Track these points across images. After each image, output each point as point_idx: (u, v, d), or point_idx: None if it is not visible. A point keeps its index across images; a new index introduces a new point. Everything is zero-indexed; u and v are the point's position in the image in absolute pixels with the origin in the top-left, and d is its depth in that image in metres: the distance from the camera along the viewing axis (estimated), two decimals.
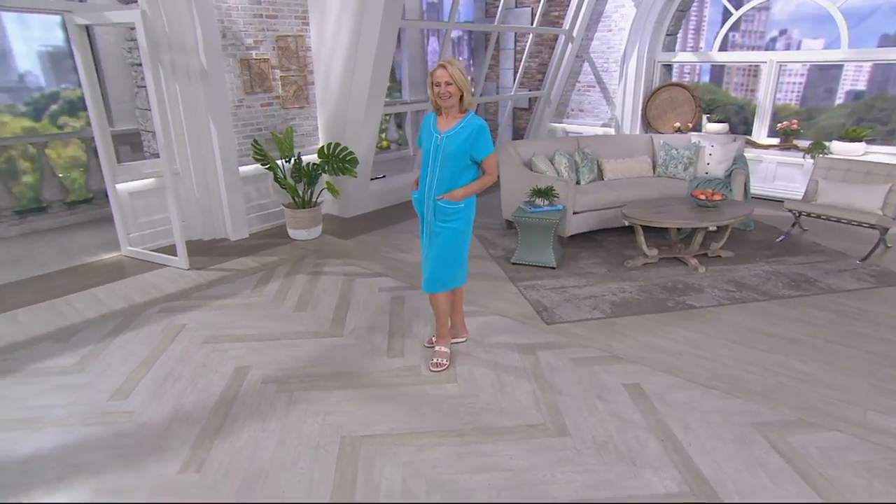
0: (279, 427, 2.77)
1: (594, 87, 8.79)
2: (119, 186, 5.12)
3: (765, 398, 2.92)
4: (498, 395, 2.99)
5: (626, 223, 4.72)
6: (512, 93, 8.93)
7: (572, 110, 9.10)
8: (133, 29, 4.58)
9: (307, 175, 5.61)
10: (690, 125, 7.94)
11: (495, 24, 7.61)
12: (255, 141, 5.53)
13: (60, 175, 6.33)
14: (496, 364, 3.30)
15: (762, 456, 2.50)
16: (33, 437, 2.73)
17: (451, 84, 2.84)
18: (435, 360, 3.26)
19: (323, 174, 5.74)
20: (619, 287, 4.33)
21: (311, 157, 5.89)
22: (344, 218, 6.52)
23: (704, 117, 8.03)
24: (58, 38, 7.14)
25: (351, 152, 5.67)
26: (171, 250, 5.02)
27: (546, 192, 4.73)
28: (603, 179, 5.87)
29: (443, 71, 2.84)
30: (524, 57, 8.79)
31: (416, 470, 2.45)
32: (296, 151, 5.89)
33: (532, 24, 8.47)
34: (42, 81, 7.07)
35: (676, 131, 7.91)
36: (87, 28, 4.76)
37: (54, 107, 7.08)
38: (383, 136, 9.44)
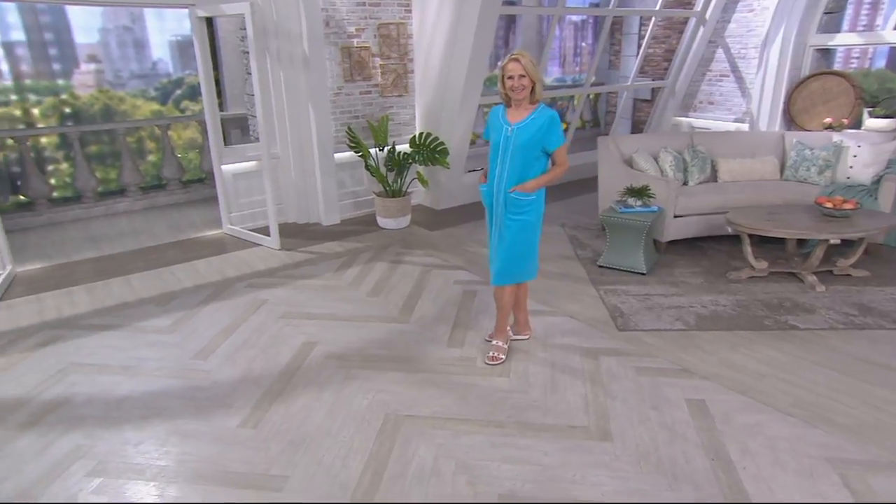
0: (332, 398, 3.18)
1: (728, 76, 8.39)
2: (224, 167, 5.94)
3: (853, 434, 2.79)
4: (547, 394, 3.16)
5: (731, 230, 4.59)
6: (630, 82, 8.80)
7: (700, 103, 8.76)
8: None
9: (397, 164, 6.08)
10: (846, 121, 7.31)
11: (610, 7, 7.58)
12: (350, 128, 6.10)
13: (179, 155, 7.43)
14: (553, 364, 3.46)
15: (829, 492, 2.43)
16: (130, 381, 3.40)
17: (524, 76, 3.06)
18: (491, 354, 3.50)
19: (414, 164, 6.17)
20: (712, 299, 4.25)
21: (404, 146, 6.36)
22: (435, 209, 6.92)
23: (865, 111, 7.35)
24: (186, 27, 8.35)
25: (442, 143, 6.04)
26: (266, 230, 5.72)
27: (640, 192, 4.74)
28: (717, 181, 5.69)
29: (516, 64, 3.07)
30: (645, 42, 8.62)
31: (449, 452, 2.72)
32: (391, 140, 6.39)
33: (657, 7, 8.29)
34: (170, 68, 8.32)
35: (827, 128, 7.33)
36: (210, 19, 5.61)
37: (178, 91, 8.30)
38: None
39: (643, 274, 4.70)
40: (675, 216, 5.09)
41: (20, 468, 2.69)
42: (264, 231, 5.76)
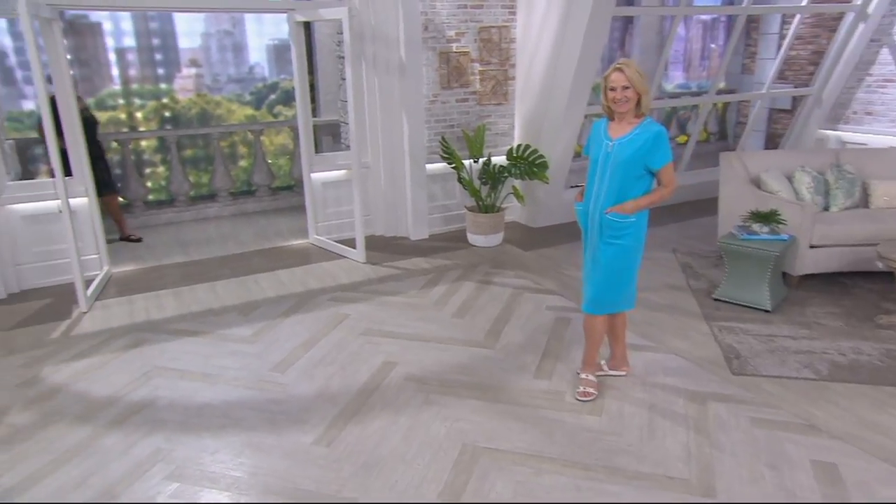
0: (408, 423, 3.33)
1: (893, 81, 7.84)
2: (314, 176, 6.35)
3: None
4: (643, 439, 3.13)
5: (882, 266, 4.30)
6: (766, 89, 8.45)
7: (854, 113, 8.24)
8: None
9: (492, 177, 6.22)
10: None
11: (745, 4, 7.35)
12: (444, 139, 6.33)
13: (269, 161, 8.02)
14: (653, 406, 3.41)
15: None
16: (210, 389, 3.74)
17: (628, 88, 3.09)
18: (582, 389, 3.51)
19: (510, 177, 6.29)
20: (853, 346, 4.00)
21: (500, 159, 6.50)
22: (530, 227, 6.99)
23: None
24: (284, 31, 9.05)
25: (541, 155, 6.12)
26: (352, 243, 6.05)
27: (767, 217, 4.57)
28: (868, 207, 5.34)
29: (619, 75, 3.11)
30: (786, 43, 8.25)
31: (529, 491, 2.77)
32: (486, 151, 6.55)
33: (804, 1, 7.93)
34: (266, 72, 9.05)
35: None
36: (308, 23, 6.07)
37: (272, 96, 8.99)
38: None
39: (767, 311, 4.51)
40: (812, 246, 4.84)
41: (106, 465, 3.04)
42: (350, 243, 6.08)
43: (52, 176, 4.70)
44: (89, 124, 6.00)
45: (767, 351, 3.97)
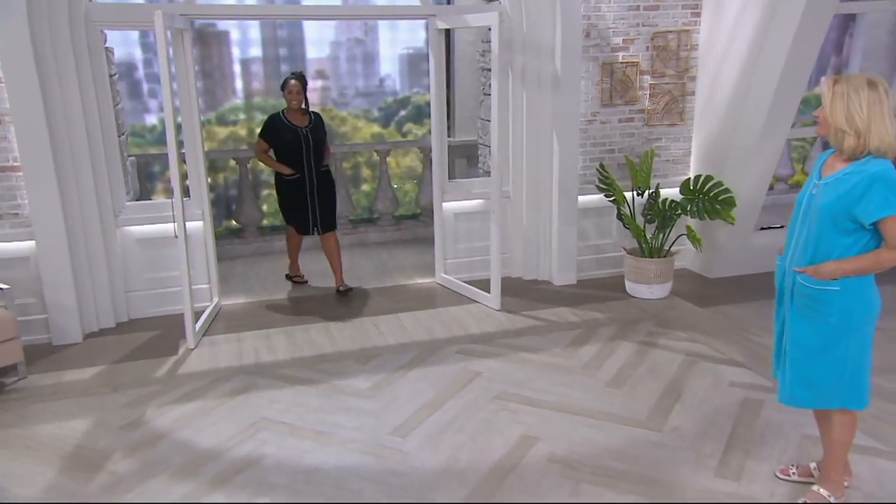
0: None
1: None
2: (445, 205, 6.43)
3: None
4: None
5: None
6: None
7: None
8: (490, 29, 5.78)
9: (661, 214, 5.99)
10: None
11: None
12: (602, 166, 6.19)
13: (395, 186, 8.27)
14: None
15: None
16: (321, 451, 3.81)
17: (824, 109, 2.82)
18: (805, 502, 3.18)
19: (684, 215, 6.03)
20: None
21: (672, 192, 6.26)
22: (707, 278, 6.65)
23: None
24: (420, 38, 9.38)
25: (727, 189, 5.81)
26: (485, 285, 6.04)
27: None
28: None
29: (825, 89, 2.84)
30: None
31: None
32: (654, 182, 6.34)
33: None
34: (398, 85, 9.41)
35: None
36: (447, 31, 6.22)
37: (403, 112, 9.30)
38: (800, 167, 9.22)
39: None
40: None
41: None
42: (483, 285, 6.07)
43: (169, 196, 5.09)
44: (317, 142, 6.30)
45: None
